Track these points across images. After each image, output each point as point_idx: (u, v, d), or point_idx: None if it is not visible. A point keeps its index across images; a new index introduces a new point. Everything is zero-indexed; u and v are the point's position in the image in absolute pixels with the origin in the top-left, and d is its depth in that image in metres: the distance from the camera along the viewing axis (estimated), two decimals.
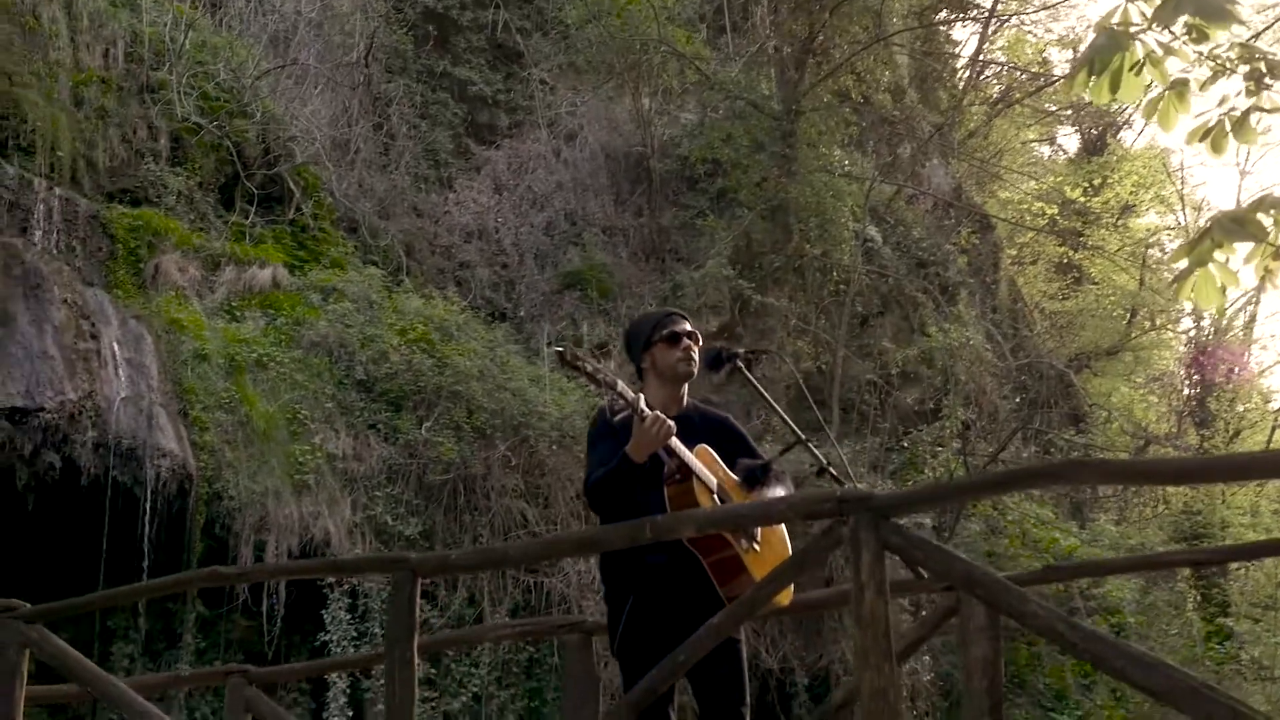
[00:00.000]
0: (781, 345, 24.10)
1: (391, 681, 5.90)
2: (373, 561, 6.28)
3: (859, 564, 4.78)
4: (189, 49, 21.73)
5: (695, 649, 5.42)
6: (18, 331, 15.56)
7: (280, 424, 17.27)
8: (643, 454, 5.74)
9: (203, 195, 20.75)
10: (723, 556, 5.87)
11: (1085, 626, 4.23)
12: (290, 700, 16.95)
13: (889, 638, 4.70)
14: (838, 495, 5.08)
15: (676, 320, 6.41)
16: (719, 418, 6.56)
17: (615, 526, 5.88)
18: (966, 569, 4.66)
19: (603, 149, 26.86)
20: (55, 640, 6.34)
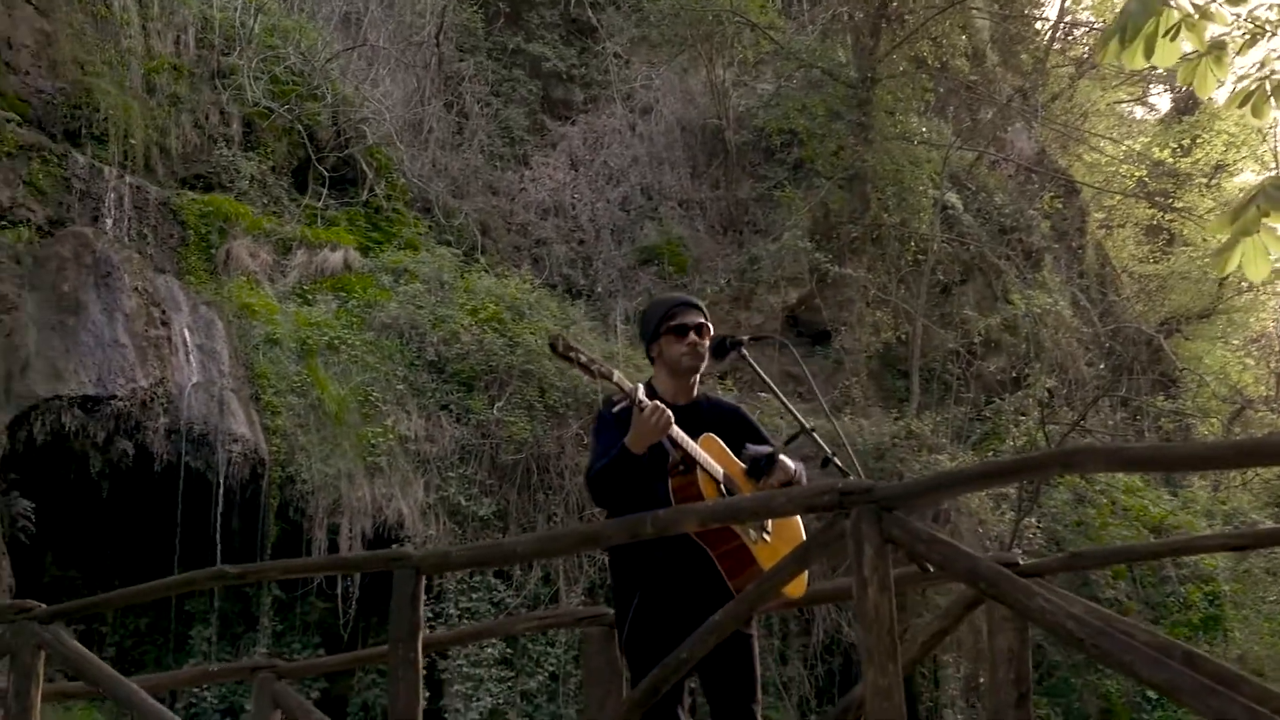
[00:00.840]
0: (860, 316, 23.83)
1: (395, 683, 5.80)
2: (375, 559, 6.16)
3: (861, 558, 4.60)
4: (259, 33, 21.78)
5: (698, 646, 5.26)
6: (89, 320, 15.68)
7: (352, 406, 17.30)
8: (641, 445, 5.60)
9: (275, 179, 20.83)
10: (731, 549, 5.71)
11: (1093, 622, 4.04)
12: (369, 681, 17.04)
13: (894, 635, 4.54)
14: (838, 487, 4.94)
15: (685, 311, 6.16)
16: (730, 407, 6.39)
17: (616, 521, 5.75)
18: (970, 562, 4.48)
19: (678, 122, 26.67)
20: (70, 642, 6.31)
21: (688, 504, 5.62)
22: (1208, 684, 3.85)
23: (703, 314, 6.18)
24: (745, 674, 5.83)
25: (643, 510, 5.68)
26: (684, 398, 6.11)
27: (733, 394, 20.14)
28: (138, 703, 6.09)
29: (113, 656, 16.19)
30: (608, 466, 5.75)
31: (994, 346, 25.23)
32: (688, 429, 5.80)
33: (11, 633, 6.37)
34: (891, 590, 4.58)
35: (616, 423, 5.73)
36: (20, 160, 17.04)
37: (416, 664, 5.90)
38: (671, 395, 6.04)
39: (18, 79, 18.40)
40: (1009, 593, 4.28)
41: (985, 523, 20.31)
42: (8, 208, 16.69)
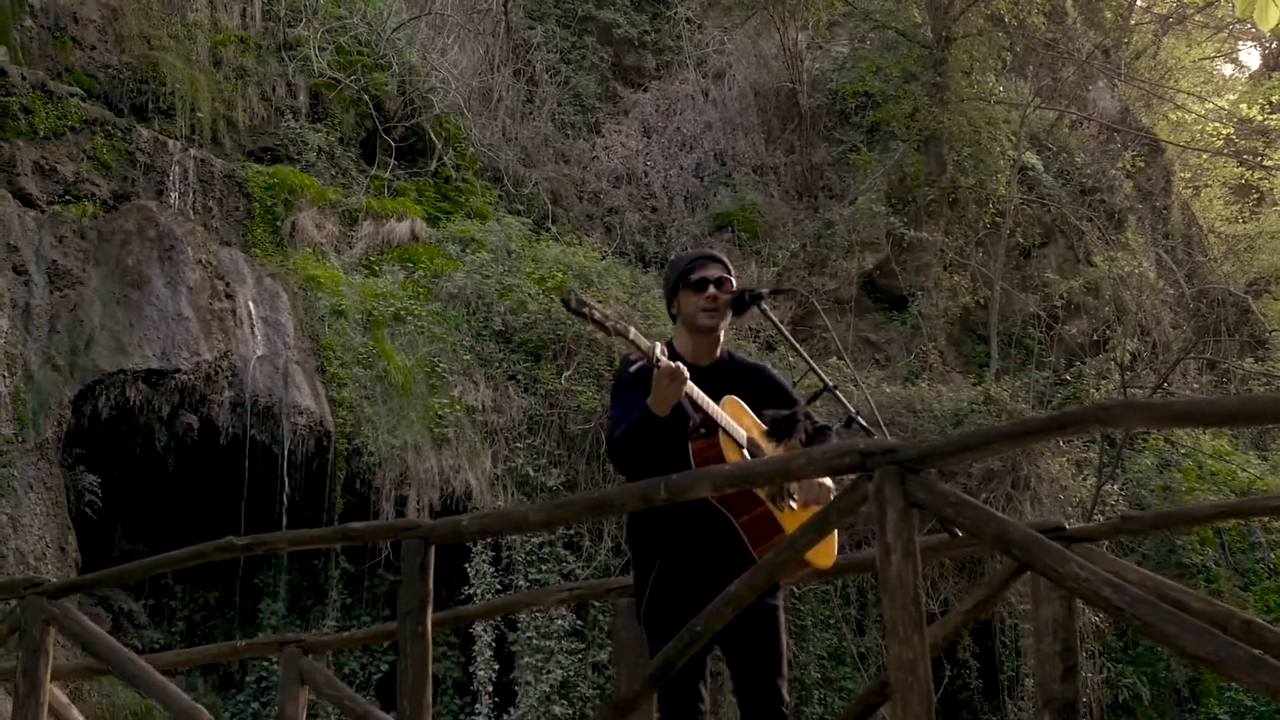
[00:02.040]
0: (937, 281, 23.44)
1: (404, 657, 5.57)
2: (384, 529, 5.96)
3: (884, 522, 4.31)
4: (325, 3, 21.68)
5: (714, 618, 4.95)
6: (153, 294, 15.65)
7: (418, 377, 17.19)
8: (665, 405, 5.32)
9: (343, 150, 20.75)
10: (755, 516, 5.41)
11: (1133, 590, 3.76)
12: (439, 654, 16.96)
13: (919, 605, 4.24)
14: (860, 448, 4.64)
15: (705, 264, 5.85)
16: (755, 366, 6.07)
17: (629, 486, 5.48)
18: (1000, 526, 4.17)
19: (752, 86, 26.34)
20: (79, 617, 6.15)
21: (704, 468, 5.34)
22: (1258, 657, 3.57)
23: (724, 267, 5.88)
24: (770, 647, 5.56)
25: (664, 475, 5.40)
26: (706, 358, 5.83)
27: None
28: (145, 679, 5.94)
29: (182, 630, 16.24)
30: (630, 430, 5.50)
31: (1076, 309, 24.73)
32: (711, 390, 5.53)
33: (22, 608, 6.24)
34: (917, 557, 4.29)
35: (635, 384, 5.48)
36: (84, 134, 17.06)
37: (426, 637, 5.69)
38: (693, 355, 5.77)
39: (84, 54, 18.42)
40: (1041, 559, 3.99)
41: (1067, 489, 19.88)
42: (72, 182, 16.71)
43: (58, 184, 16.60)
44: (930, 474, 4.35)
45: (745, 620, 5.41)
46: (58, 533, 14.32)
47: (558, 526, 15.38)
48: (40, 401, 14.76)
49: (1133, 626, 3.80)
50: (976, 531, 4.19)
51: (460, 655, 16.82)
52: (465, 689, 16.53)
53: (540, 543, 16.87)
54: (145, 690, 5.97)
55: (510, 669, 16.42)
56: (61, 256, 15.66)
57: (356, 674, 16.57)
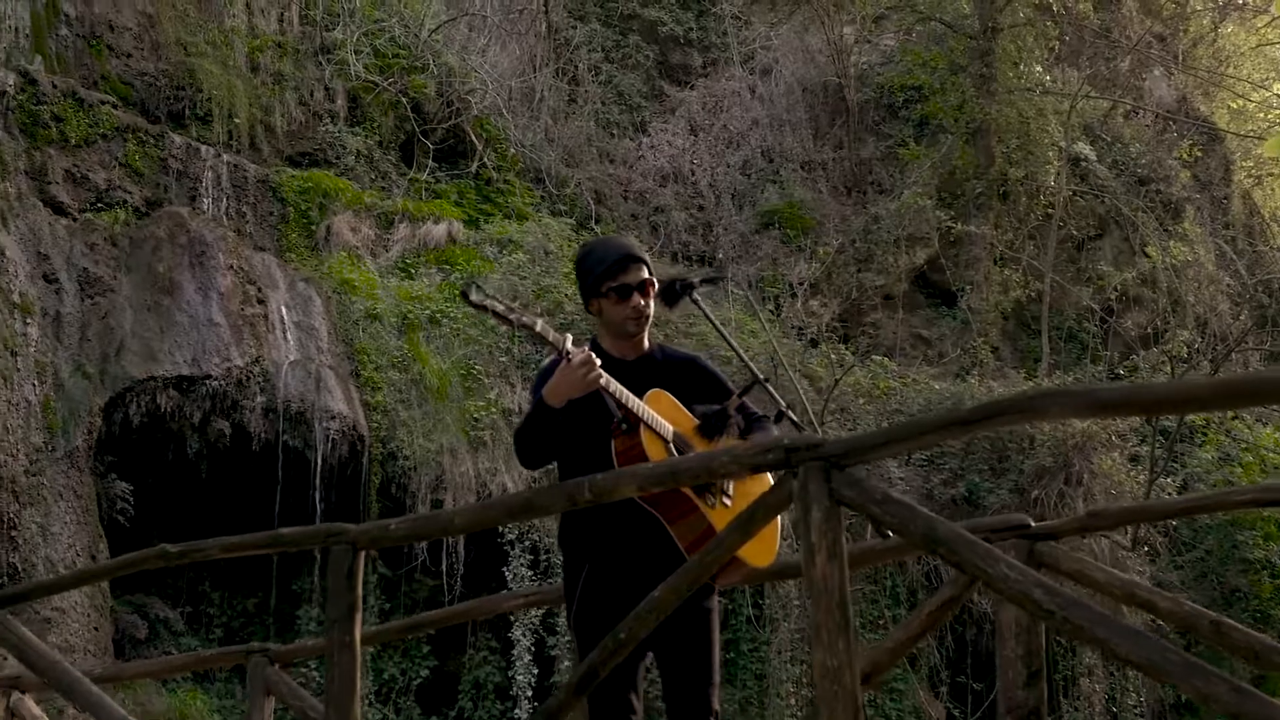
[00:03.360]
0: (988, 275, 23.09)
1: (331, 668, 5.33)
2: (311, 534, 5.76)
3: (808, 522, 4.05)
4: (362, 6, 21.60)
5: (637, 624, 4.68)
6: (184, 300, 15.63)
7: (454, 380, 17.08)
8: (558, 397, 5.08)
9: (382, 154, 20.66)
10: (686, 516, 5.15)
11: (1065, 593, 3.50)
12: (480, 659, 16.85)
13: (845, 609, 3.98)
14: (784, 443, 4.40)
15: (626, 267, 5.44)
16: (686, 357, 5.77)
17: (552, 488, 5.24)
18: (928, 524, 3.89)
19: (799, 82, 26.06)
20: (18, 627, 5.98)
21: (628, 467, 5.07)
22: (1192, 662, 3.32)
23: (647, 267, 5.49)
24: (700, 653, 5.30)
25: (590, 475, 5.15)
26: (633, 352, 5.53)
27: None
28: (81, 692, 5.76)
29: (220, 637, 16.19)
30: (524, 422, 5.31)
31: (1131, 302, 24.31)
32: (640, 385, 5.28)
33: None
34: (843, 558, 4.02)
35: (549, 376, 5.26)
36: (116, 142, 17.03)
37: (354, 647, 5.42)
38: (618, 351, 5.49)
39: (120, 62, 18.41)
40: (969, 559, 3.73)
41: (1121, 484, 19.48)
42: (104, 190, 16.69)
43: (89, 192, 16.58)
44: (857, 470, 4.11)
45: (676, 625, 5.16)
46: (89, 541, 14.29)
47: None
48: (71, 409, 14.74)
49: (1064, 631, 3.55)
50: (903, 530, 3.94)
51: (500, 659, 16.69)
52: (505, 693, 16.40)
53: None
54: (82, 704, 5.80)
55: (550, 673, 16.27)
56: (92, 264, 15.65)
57: (396, 679, 16.48)
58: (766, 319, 20.42)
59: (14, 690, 8.13)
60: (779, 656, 17.29)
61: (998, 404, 3.75)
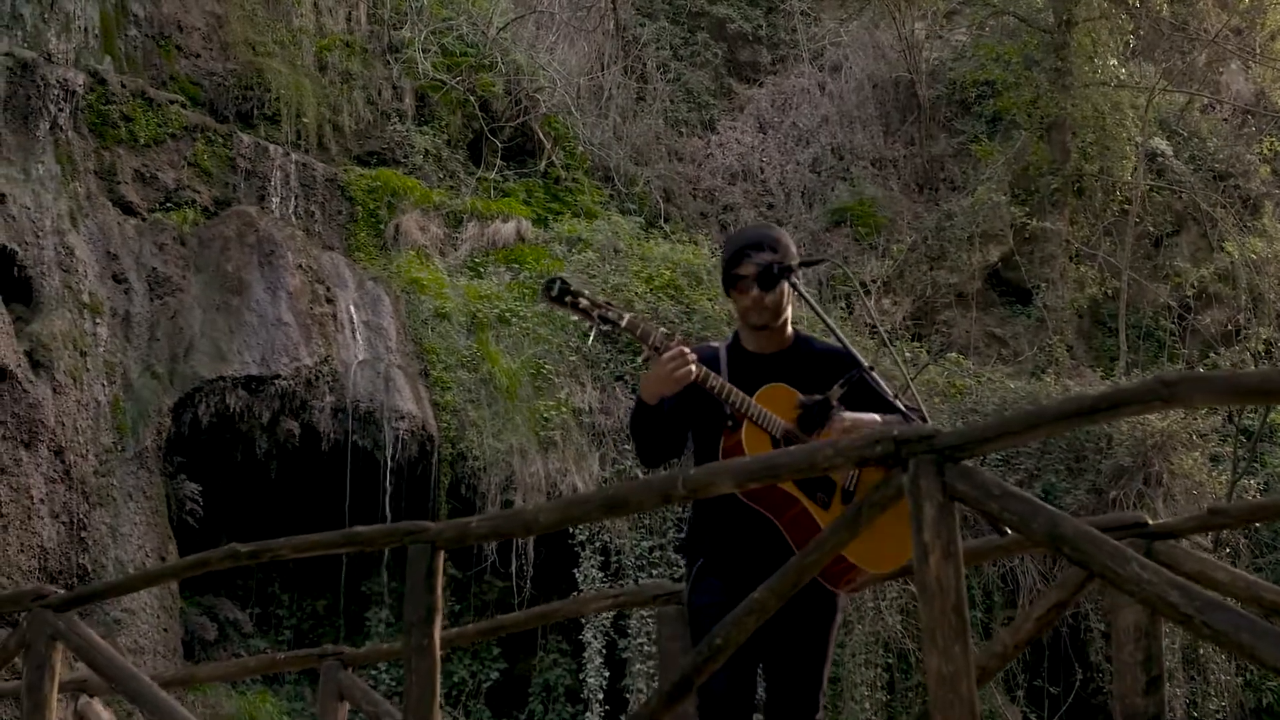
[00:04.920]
0: (1063, 272, 22.71)
1: (410, 673, 5.10)
2: (388, 533, 5.50)
3: (920, 519, 3.82)
4: (430, 4, 21.50)
5: (735, 630, 4.40)
6: (252, 299, 15.55)
7: (524, 380, 16.92)
8: (650, 392, 4.94)
9: (451, 153, 20.53)
10: (794, 515, 4.94)
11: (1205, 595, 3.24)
12: (550, 662, 16.70)
13: (962, 612, 3.70)
14: (893, 435, 4.13)
15: (747, 257, 5.21)
16: (830, 350, 5.45)
17: (647, 482, 5.07)
18: (1051, 521, 3.60)
19: (869, 79, 25.77)
20: (84, 629, 5.81)
21: (723, 462, 4.88)
22: None
23: (771, 252, 5.21)
24: (807, 667, 5.06)
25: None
26: (772, 345, 5.32)
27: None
28: (149, 697, 5.59)
29: (289, 639, 16.10)
30: (631, 418, 5.20)
31: (1210, 299, 23.85)
32: (777, 380, 5.13)
33: (28, 621, 5.94)
34: (959, 557, 3.75)
35: None
36: (185, 141, 16.98)
37: (433, 651, 5.17)
38: (755, 345, 5.30)
39: (189, 62, 18.38)
40: (1097, 558, 3.45)
41: (1202, 485, 19.07)
42: (173, 189, 16.63)
43: (158, 191, 16.53)
44: (972, 463, 3.84)
45: (785, 630, 4.93)
46: (158, 542, 14.23)
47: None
48: (140, 410, 14.69)
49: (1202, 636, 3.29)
50: (1024, 527, 3.66)
51: (571, 662, 16.52)
52: (576, 696, 16.23)
53: (651, 546, 16.52)
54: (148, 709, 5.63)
55: (621, 676, 16.08)
56: (161, 264, 15.60)
57: (466, 682, 16.36)
58: (838, 318, 20.16)
59: (81, 693, 8.03)
60: (853, 660, 17.02)
61: (1126, 392, 3.49)
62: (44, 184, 15.16)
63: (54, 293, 14.53)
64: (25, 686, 5.79)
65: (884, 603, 17.43)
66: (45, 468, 13.59)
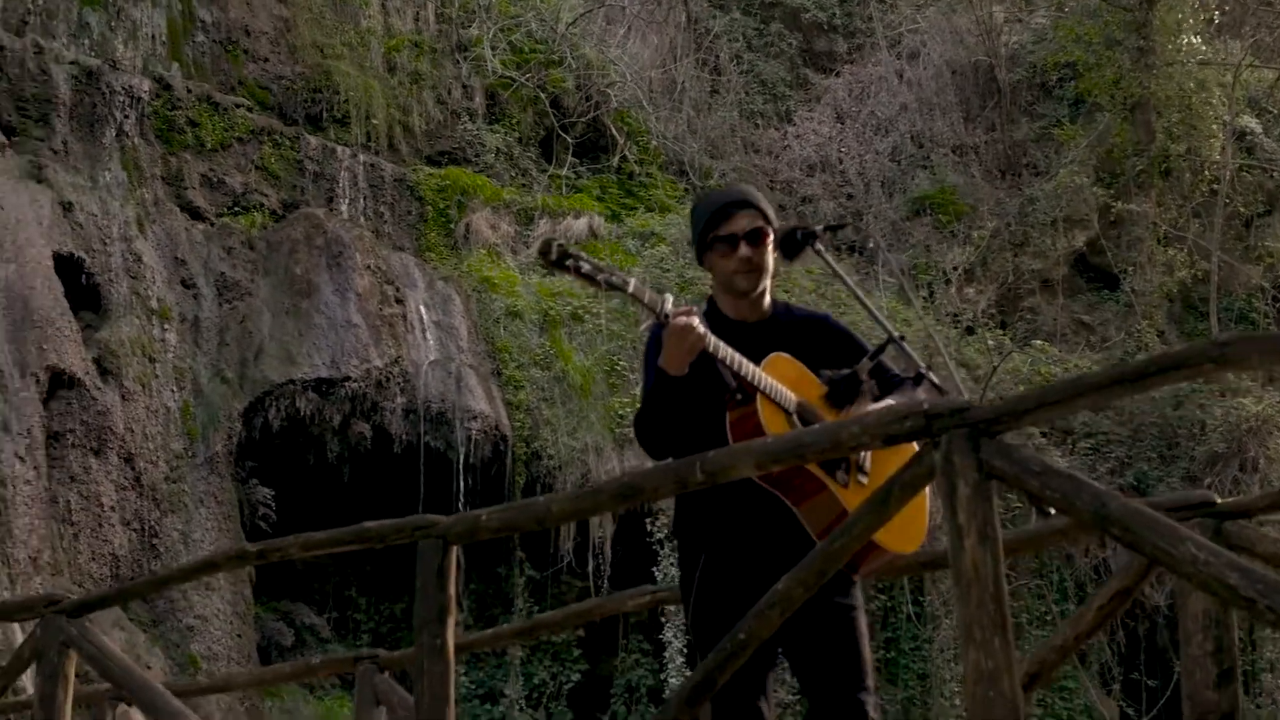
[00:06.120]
0: (1151, 256, 22.16)
1: (420, 677, 4.79)
2: (397, 527, 5.25)
3: (953, 500, 3.51)
4: (498, 2, 21.33)
5: (760, 624, 4.09)
6: (321, 302, 15.43)
7: (598, 377, 16.71)
8: (677, 363, 4.41)
9: (522, 150, 20.35)
10: (815, 498, 4.46)
11: (1269, 577, 2.90)
12: (632, 662, 16.50)
13: (1001, 601, 3.40)
14: (924, 409, 3.76)
15: (734, 213, 4.73)
16: (815, 317, 5.02)
17: (661, 468, 4.54)
18: (1096, 499, 3.21)
19: (948, 65, 25.34)
20: (97, 637, 5.57)
21: (744, 442, 4.40)
22: None
23: (759, 213, 4.76)
24: (847, 655, 4.55)
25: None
26: (754, 313, 4.82)
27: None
28: (161, 706, 5.36)
29: (367, 643, 15.92)
30: (645, 404, 4.63)
31: None
32: (763, 350, 4.60)
33: (40, 628, 5.72)
34: (997, 541, 3.47)
35: (657, 347, 4.65)
36: (252, 145, 16.90)
37: (447, 653, 4.87)
38: (735, 311, 4.79)
39: (257, 66, 18.33)
40: (1147, 538, 3.09)
41: None
42: (241, 193, 16.56)
43: (226, 195, 16.45)
44: (1009, 438, 3.48)
45: (814, 626, 4.50)
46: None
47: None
48: (210, 415, 14.61)
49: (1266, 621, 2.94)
50: (1068, 506, 3.29)
51: (653, 662, 16.30)
52: (658, 696, 16.01)
53: None
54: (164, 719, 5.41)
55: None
56: (230, 268, 15.52)
57: (547, 684, 16.17)
58: (920, 307, 19.79)
59: (120, 702, 7.86)
60: (941, 655, 16.66)
61: (1176, 355, 3.15)
62: (111, 191, 15.13)
63: (122, 299, 14.48)
64: (38, 698, 5.55)
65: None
66: (115, 475, 13.53)
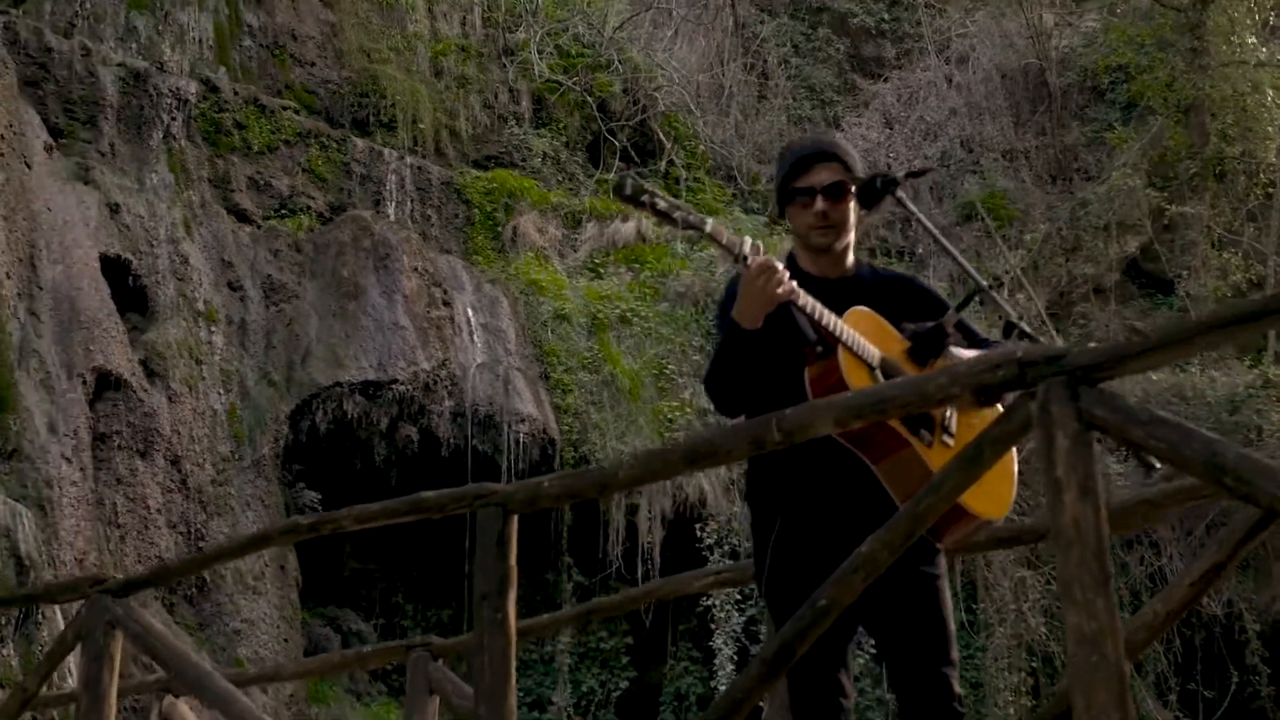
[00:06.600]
0: (1205, 260, 21.84)
1: (480, 654, 4.57)
2: (455, 496, 5.07)
3: (1050, 453, 3.26)
4: (545, 6, 21.22)
5: (841, 590, 3.83)
6: (368, 304, 15.32)
7: (647, 381, 16.54)
8: (752, 314, 4.21)
9: (569, 155, 20.22)
10: (898, 457, 4.26)
11: None
12: (681, 670, 16.33)
13: (1104, 559, 3.14)
14: (1017, 357, 3.51)
15: (809, 167, 4.53)
16: (899, 277, 4.88)
17: (735, 428, 4.33)
18: (1208, 447, 3.01)
19: (997, 69, 25.08)
20: (143, 617, 5.41)
21: (824, 398, 4.15)
22: None
23: (841, 165, 4.57)
24: (931, 625, 4.34)
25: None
26: (835, 270, 4.63)
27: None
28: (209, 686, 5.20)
29: None
30: (716, 357, 4.44)
31: None
32: (843, 309, 4.38)
33: (86, 608, 5.56)
34: (1098, 495, 3.21)
35: (732, 302, 4.43)
36: (299, 148, 16.84)
37: (508, 628, 4.66)
38: (816, 268, 4.60)
39: (304, 71, 18.26)
40: (1264, 488, 2.86)
41: None
42: (288, 196, 16.48)
43: (273, 198, 16.38)
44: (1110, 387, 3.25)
45: (897, 595, 4.29)
46: (277, 552, 14.02)
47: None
48: (257, 418, 14.52)
49: None
50: (1176, 456, 3.06)
51: (702, 669, 16.12)
52: (708, 705, 15.77)
53: None
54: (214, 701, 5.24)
55: None
56: (277, 271, 15.43)
57: (595, 691, 16.02)
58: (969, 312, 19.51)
59: (166, 694, 7.72)
60: (995, 664, 16.41)
61: None
62: (158, 193, 15.07)
63: (169, 301, 14.40)
64: (82, 681, 5.40)
65: (1026, 604, 16.82)
66: (162, 477, 13.44)
